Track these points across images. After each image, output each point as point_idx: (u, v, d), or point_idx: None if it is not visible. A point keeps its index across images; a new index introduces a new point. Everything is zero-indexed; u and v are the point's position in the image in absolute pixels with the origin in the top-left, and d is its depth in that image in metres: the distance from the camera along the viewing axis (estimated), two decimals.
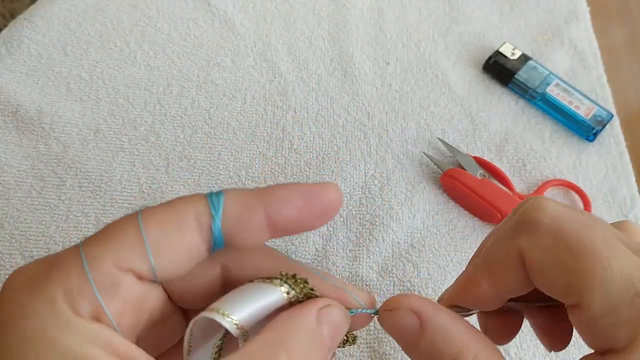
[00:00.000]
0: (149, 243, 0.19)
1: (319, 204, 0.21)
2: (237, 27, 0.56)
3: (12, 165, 0.46)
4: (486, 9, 0.58)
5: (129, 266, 0.19)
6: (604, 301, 0.19)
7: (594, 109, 0.50)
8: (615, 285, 0.19)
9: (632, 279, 0.19)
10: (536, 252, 0.21)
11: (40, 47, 0.53)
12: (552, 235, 0.21)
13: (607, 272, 0.19)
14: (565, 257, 0.20)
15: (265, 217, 0.20)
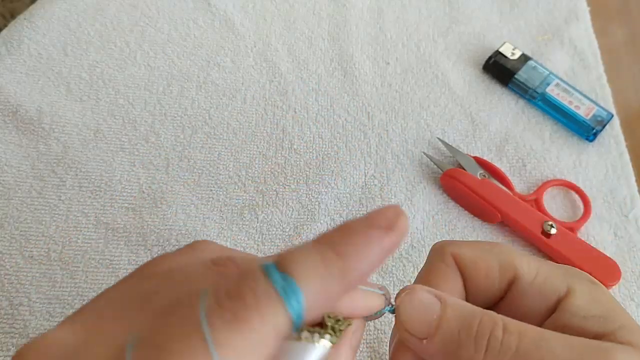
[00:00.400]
0: None
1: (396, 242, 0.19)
2: (237, 27, 0.56)
3: (12, 165, 0.46)
4: (486, 9, 0.58)
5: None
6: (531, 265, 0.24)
7: (594, 109, 0.50)
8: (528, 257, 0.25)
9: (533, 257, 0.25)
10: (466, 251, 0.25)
11: (40, 47, 0.53)
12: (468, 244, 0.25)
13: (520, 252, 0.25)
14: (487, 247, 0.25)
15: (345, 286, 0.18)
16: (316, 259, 0.17)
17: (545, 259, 0.43)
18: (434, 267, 0.25)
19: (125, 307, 0.18)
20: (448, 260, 0.25)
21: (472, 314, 0.22)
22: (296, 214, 0.45)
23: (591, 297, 0.23)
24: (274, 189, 0.46)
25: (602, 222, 0.45)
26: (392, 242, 0.18)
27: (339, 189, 0.46)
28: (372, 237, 0.18)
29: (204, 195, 0.46)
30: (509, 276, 0.24)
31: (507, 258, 0.24)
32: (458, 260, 0.25)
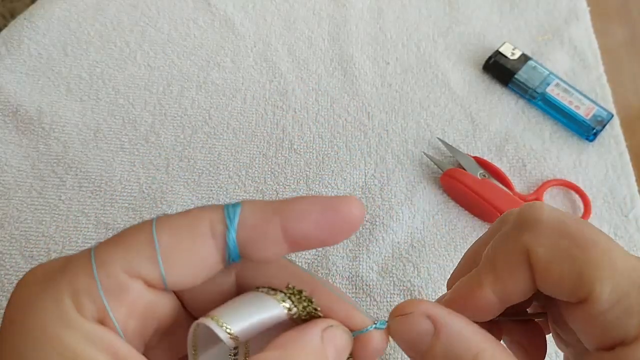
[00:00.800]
0: (160, 251, 0.19)
1: (337, 218, 0.20)
2: (237, 27, 0.56)
3: (12, 165, 0.46)
4: (486, 9, 0.58)
5: (139, 273, 0.19)
6: (615, 290, 0.20)
7: (594, 109, 0.50)
8: (623, 275, 0.20)
9: (636, 269, 0.20)
10: (542, 248, 0.21)
11: (40, 47, 0.53)
12: (555, 231, 0.21)
13: (614, 262, 0.20)
14: (572, 249, 0.21)
15: (282, 229, 0.19)
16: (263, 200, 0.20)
17: None
18: (503, 257, 0.23)
19: None
20: (520, 252, 0.22)
21: (467, 347, 0.21)
22: None
23: None
24: (274, 189, 0.46)
25: (602, 222, 0.45)
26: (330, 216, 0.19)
27: (339, 189, 0.46)
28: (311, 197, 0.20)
29: (204, 195, 0.46)
30: (580, 295, 0.21)
31: (588, 273, 0.20)
32: (530, 257, 0.22)
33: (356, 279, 0.42)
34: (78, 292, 0.18)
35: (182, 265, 0.19)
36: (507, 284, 0.22)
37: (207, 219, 0.19)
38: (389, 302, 0.41)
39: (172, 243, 0.19)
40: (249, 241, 0.19)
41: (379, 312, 0.41)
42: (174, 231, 0.19)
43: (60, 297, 0.18)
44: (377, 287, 0.42)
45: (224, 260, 0.20)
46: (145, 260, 0.19)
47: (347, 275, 0.42)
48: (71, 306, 0.18)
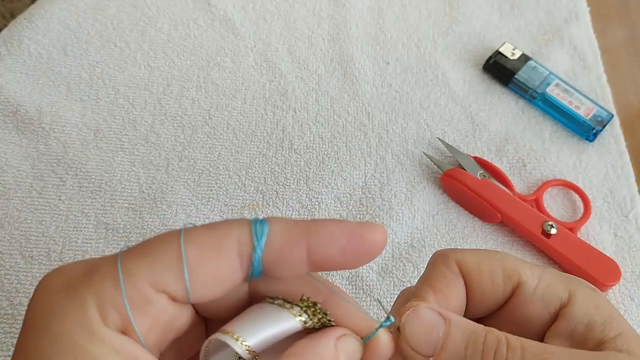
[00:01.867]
0: (187, 266, 0.19)
1: (362, 245, 0.20)
2: (237, 27, 0.56)
3: (12, 165, 0.46)
4: (486, 9, 0.58)
5: (165, 287, 0.19)
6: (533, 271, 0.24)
7: (594, 109, 0.50)
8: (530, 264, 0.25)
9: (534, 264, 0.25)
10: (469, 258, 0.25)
11: (40, 47, 0.53)
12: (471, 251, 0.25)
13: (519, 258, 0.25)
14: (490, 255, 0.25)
15: (307, 252, 0.20)
16: (290, 220, 0.20)
17: (545, 259, 0.44)
18: (437, 273, 0.25)
19: None
20: (452, 266, 0.24)
21: (476, 332, 0.22)
22: (296, 214, 0.45)
23: (592, 304, 0.23)
24: (274, 189, 0.46)
25: (602, 222, 0.45)
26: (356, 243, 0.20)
27: (339, 189, 0.46)
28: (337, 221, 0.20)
29: (204, 195, 0.46)
30: (512, 282, 0.24)
31: (510, 264, 0.24)
32: (462, 267, 0.24)
33: (356, 279, 0.42)
34: (104, 302, 0.18)
35: (206, 281, 0.19)
36: (446, 296, 0.24)
37: (234, 236, 0.19)
38: (389, 302, 0.41)
39: (199, 259, 0.19)
40: (273, 261, 0.20)
41: (379, 312, 0.41)
42: (201, 246, 0.19)
43: (86, 305, 0.18)
44: (377, 287, 0.42)
45: (246, 277, 0.20)
46: (172, 275, 0.19)
47: (347, 275, 0.42)
48: (96, 316, 0.18)
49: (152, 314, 0.19)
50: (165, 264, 0.19)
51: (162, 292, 0.19)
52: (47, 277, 0.19)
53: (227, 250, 0.19)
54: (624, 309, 0.41)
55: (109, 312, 0.18)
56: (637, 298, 0.42)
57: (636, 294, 0.42)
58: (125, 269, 0.18)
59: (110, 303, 0.18)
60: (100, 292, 0.18)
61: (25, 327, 0.18)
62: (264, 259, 0.20)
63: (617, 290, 0.42)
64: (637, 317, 0.41)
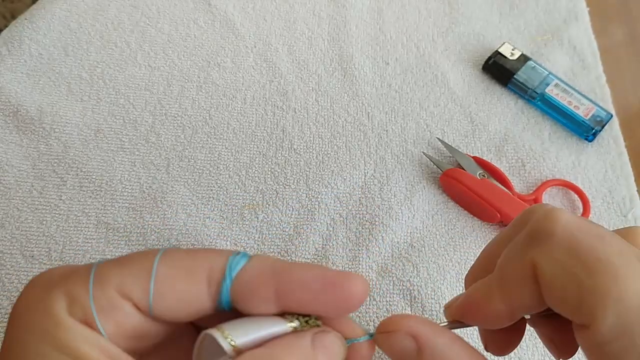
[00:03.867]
0: (155, 282, 0.20)
1: (338, 294, 0.20)
2: (237, 28, 0.56)
3: (13, 165, 0.46)
4: (486, 9, 0.58)
5: (129, 295, 0.20)
6: (617, 324, 0.18)
7: (593, 109, 0.50)
8: (631, 307, 0.18)
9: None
10: (549, 265, 0.20)
11: (41, 47, 0.53)
12: (565, 248, 0.20)
13: (622, 292, 0.18)
14: (579, 272, 0.19)
15: (275, 293, 0.20)
16: (272, 258, 0.21)
17: None
18: (510, 269, 0.22)
19: None
20: (526, 268, 0.21)
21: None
22: (296, 213, 0.45)
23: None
24: (274, 189, 0.46)
25: (601, 222, 0.45)
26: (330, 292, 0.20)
27: (339, 189, 0.47)
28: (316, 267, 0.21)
29: (204, 195, 0.46)
30: (581, 321, 0.20)
31: (591, 301, 0.19)
32: (537, 273, 0.21)
33: None
34: (72, 299, 0.20)
35: (171, 299, 0.20)
36: (514, 297, 0.22)
37: (208, 263, 0.20)
38: (389, 302, 0.41)
39: (169, 278, 0.20)
40: (242, 295, 0.20)
41: (379, 311, 0.41)
42: (174, 266, 0.20)
43: (56, 299, 0.20)
44: (376, 287, 0.42)
45: (214, 305, 0.21)
46: (139, 286, 0.20)
47: None
48: (64, 308, 0.19)
49: (117, 319, 0.20)
50: (135, 275, 0.20)
51: (127, 299, 0.20)
52: (35, 277, 0.21)
53: (197, 274, 0.20)
54: None
55: (75, 309, 0.19)
56: None
57: None
58: (98, 274, 0.20)
59: (77, 301, 0.19)
60: (71, 290, 0.20)
61: (9, 318, 0.20)
62: (233, 290, 0.20)
63: None
64: None
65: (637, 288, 0.18)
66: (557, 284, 0.20)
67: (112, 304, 0.20)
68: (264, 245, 0.44)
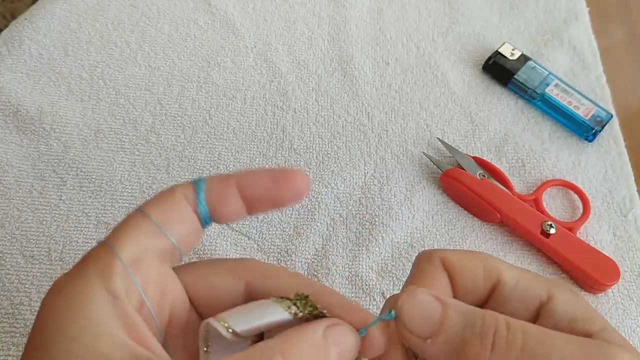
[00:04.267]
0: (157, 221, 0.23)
1: (285, 184, 0.24)
2: (237, 28, 0.56)
3: (13, 165, 0.46)
4: (486, 10, 0.58)
5: (147, 246, 0.22)
6: (512, 272, 0.24)
7: (593, 109, 0.50)
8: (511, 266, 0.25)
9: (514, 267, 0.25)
10: (453, 255, 0.25)
11: (41, 47, 0.53)
12: (455, 251, 0.25)
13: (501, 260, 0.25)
14: (473, 254, 0.25)
15: (240, 192, 0.24)
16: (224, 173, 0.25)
17: (544, 258, 0.44)
18: (422, 269, 0.25)
19: None
20: (436, 262, 0.25)
21: (473, 313, 0.22)
22: (296, 213, 0.45)
23: (572, 302, 0.23)
24: None
25: (601, 222, 0.45)
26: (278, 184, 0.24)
27: (338, 189, 0.47)
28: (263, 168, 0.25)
29: None
30: (493, 279, 0.24)
31: (491, 263, 0.25)
32: (445, 264, 0.25)
33: (356, 278, 0.42)
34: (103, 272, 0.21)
35: (174, 228, 0.23)
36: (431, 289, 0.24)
37: (180, 192, 0.24)
38: None
39: (162, 214, 0.23)
40: (214, 204, 0.24)
41: (378, 312, 0.41)
42: (160, 206, 0.23)
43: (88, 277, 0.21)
44: (376, 286, 0.42)
45: (201, 225, 0.24)
46: (148, 234, 0.22)
47: (347, 275, 0.43)
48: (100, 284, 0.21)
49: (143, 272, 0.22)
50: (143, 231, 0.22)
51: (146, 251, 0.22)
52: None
53: (179, 202, 0.23)
54: (623, 308, 0.41)
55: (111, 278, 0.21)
56: (636, 298, 0.42)
57: (635, 294, 0.42)
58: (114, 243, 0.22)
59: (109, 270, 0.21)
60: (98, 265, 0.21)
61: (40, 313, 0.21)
62: (208, 202, 0.24)
63: (616, 290, 0.42)
64: (636, 316, 0.41)
65: None
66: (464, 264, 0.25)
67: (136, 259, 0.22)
68: (264, 245, 0.44)
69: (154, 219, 0.22)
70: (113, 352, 0.19)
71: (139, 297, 0.21)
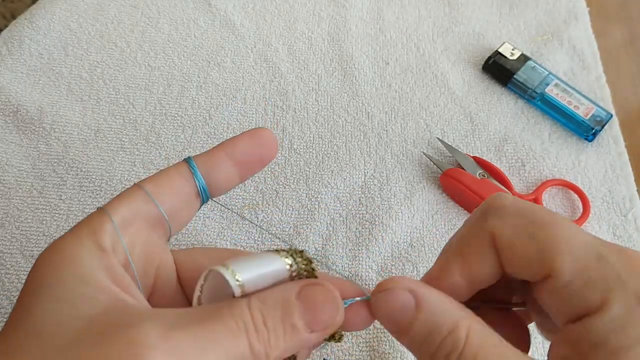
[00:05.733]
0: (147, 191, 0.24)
1: (258, 142, 0.26)
2: (237, 28, 0.56)
3: (13, 165, 0.46)
4: (485, 10, 0.58)
5: (137, 211, 0.23)
6: (574, 263, 0.21)
7: (593, 109, 0.50)
8: (580, 249, 0.21)
9: (592, 244, 0.21)
10: (505, 230, 0.23)
11: (41, 47, 0.53)
12: (517, 214, 0.23)
13: (571, 238, 0.22)
14: (532, 229, 0.22)
15: (230, 159, 0.26)
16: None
17: None
18: (469, 243, 0.24)
19: None
20: (484, 237, 0.23)
21: (439, 328, 0.22)
22: (296, 213, 0.45)
23: (623, 322, 0.20)
24: (273, 189, 0.46)
25: (601, 222, 0.45)
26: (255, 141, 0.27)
27: (338, 188, 0.47)
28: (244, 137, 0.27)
29: None
30: (543, 272, 0.22)
31: (549, 248, 0.21)
32: (495, 239, 0.23)
33: (356, 278, 0.42)
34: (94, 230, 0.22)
35: (167, 200, 0.24)
36: (473, 267, 0.24)
37: (175, 169, 0.26)
38: None
39: (156, 186, 0.24)
40: (209, 172, 0.25)
41: None
42: (155, 180, 0.25)
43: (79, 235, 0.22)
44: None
45: (198, 195, 0.26)
46: (140, 201, 0.24)
47: (347, 275, 0.43)
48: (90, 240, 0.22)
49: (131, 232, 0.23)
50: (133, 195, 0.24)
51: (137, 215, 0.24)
52: None
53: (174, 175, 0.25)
54: None
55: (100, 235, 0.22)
56: None
57: None
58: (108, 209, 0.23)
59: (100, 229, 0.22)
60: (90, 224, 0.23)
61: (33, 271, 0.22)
62: (204, 175, 0.25)
63: None
64: None
65: (581, 236, 0.22)
66: (515, 243, 0.22)
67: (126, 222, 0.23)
68: (264, 245, 0.44)
69: (146, 189, 0.24)
70: (99, 295, 0.20)
71: (125, 255, 0.23)
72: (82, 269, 0.21)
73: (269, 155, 0.27)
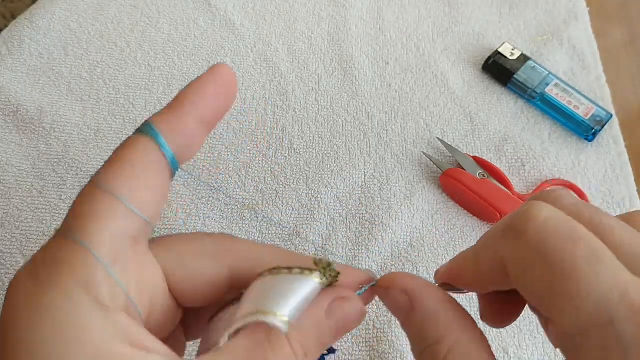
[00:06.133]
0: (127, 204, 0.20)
1: (221, 82, 0.25)
2: (237, 27, 0.56)
3: (12, 165, 0.46)
4: (485, 10, 0.58)
5: (121, 233, 0.20)
6: (575, 324, 0.19)
7: (593, 109, 0.50)
8: (587, 310, 0.18)
9: (607, 304, 0.18)
10: (516, 263, 0.21)
11: (41, 47, 0.53)
12: (533, 249, 0.20)
13: (580, 295, 0.19)
14: (543, 273, 0.20)
15: (196, 120, 0.23)
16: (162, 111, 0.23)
17: None
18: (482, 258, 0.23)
19: None
20: (496, 260, 0.22)
21: (427, 331, 0.22)
22: (296, 213, 0.45)
23: None
24: (273, 189, 0.46)
25: None
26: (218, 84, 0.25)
27: (338, 188, 0.47)
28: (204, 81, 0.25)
29: (204, 195, 0.46)
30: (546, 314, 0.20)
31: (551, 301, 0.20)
32: (505, 265, 0.22)
33: None
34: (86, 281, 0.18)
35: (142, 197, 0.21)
36: (485, 279, 0.23)
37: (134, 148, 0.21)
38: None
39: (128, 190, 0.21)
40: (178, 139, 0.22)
41: (378, 311, 0.41)
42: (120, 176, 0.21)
43: (70, 290, 0.18)
44: None
45: (171, 172, 0.22)
46: (123, 218, 0.20)
47: None
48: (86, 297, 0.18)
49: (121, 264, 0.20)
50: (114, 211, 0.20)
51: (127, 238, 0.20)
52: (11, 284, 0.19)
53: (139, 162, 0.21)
54: None
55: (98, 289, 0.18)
56: None
57: None
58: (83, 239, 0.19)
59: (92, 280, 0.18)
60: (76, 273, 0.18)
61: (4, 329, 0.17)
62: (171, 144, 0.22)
63: None
64: None
65: (598, 291, 0.18)
66: (522, 281, 0.21)
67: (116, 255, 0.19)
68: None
69: (120, 197, 0.20)
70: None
71: (125, 298, 0.19)
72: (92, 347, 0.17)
73: (233, 97, 0.24)
